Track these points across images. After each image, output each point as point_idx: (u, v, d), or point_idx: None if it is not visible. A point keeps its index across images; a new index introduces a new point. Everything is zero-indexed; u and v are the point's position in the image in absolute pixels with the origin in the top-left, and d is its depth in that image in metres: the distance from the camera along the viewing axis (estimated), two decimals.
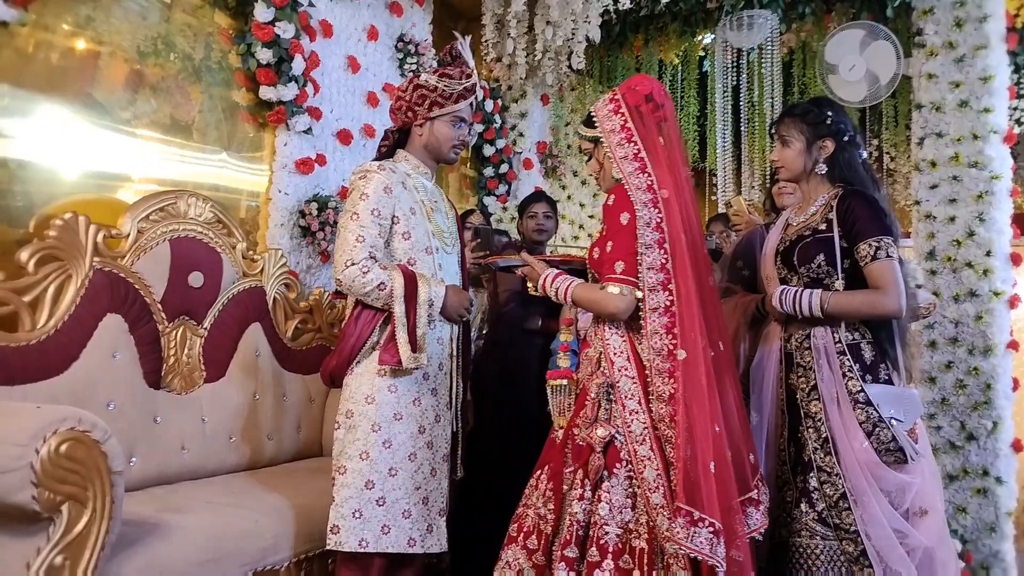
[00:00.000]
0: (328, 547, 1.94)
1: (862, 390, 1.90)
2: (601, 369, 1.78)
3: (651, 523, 1.66)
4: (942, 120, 3.49)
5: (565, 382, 1.88)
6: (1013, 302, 3.38)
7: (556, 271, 1.90)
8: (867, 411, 1.88)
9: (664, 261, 1.72)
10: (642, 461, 1.68)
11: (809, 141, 2.04)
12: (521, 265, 2.02)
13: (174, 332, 2.46)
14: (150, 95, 2.65)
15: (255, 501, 2.18)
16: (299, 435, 2.85)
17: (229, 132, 2.95)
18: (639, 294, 1.74)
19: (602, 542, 1.65)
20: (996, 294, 3.33)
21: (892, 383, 1.95)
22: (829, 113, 2.05)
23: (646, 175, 1.77)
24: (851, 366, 1.93)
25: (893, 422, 1.87)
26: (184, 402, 2.44)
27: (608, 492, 1.68)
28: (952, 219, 3.43)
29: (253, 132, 3.04)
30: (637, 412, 1.72)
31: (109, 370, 2.20)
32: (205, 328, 2.57)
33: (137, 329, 2.30)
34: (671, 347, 1.70)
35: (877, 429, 1.87)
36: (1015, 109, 4.30)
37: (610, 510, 1.67)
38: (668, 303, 1.72)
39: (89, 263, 2.19)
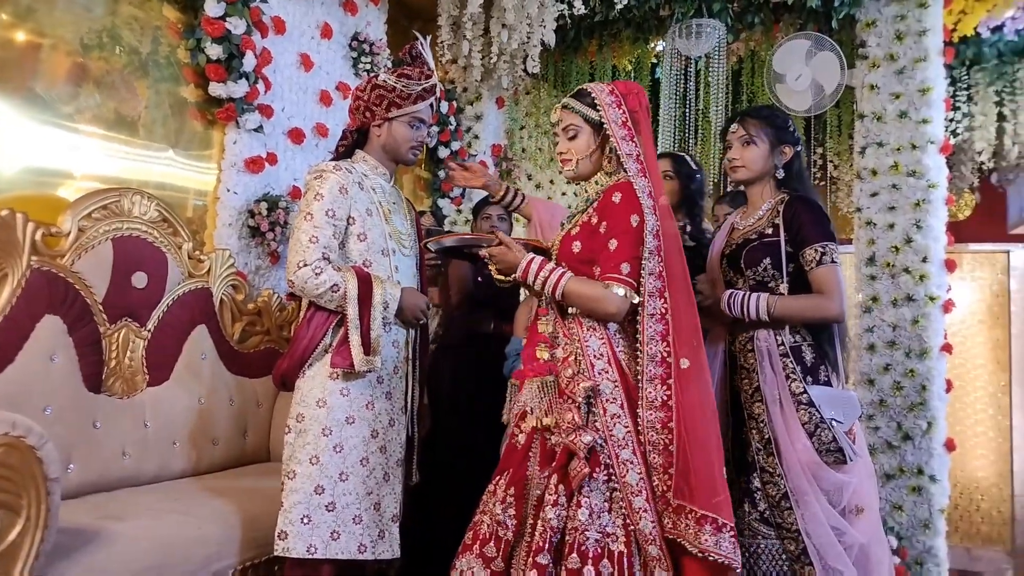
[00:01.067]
0: (276, 553, 1.90)
1: (805, 391, 1.95)
2: (583, 371, 1.75)
3: (631, 526, 1.66)
4: (883, 130, 3.61)
5: (551, 378, 1.76)
6: (947, 307, 3.52)
7: (542, 257, 1.82)
8: (810, 412, 1.93)
9: (660, 269, 1.74)
10: (624, 465, 1.68)
11: (773, 144, 2.08)
12: (481, 245, 1.91)
13: (116, 334, 2.39)
14: (94, 90, 2.57)
15: (199, 507, 2.13)
16: (246, 440, 2.79)
17: (176, 129, 2.87)
18: (636, 299, 1.73)
19: (583, 548, 1.62)
20: (931, 299, 3.46)
21: (831, 385, 2.01)
22: (789, 120, 2.11)
23: (646, 180, 1.78)
24: (794, 368, 1.97)
25: (834, 423, 1.93)
26: (126, 406, 2.37)
27: (587, 496, 1.66)
28: (891, 226, 3.55)
29: (201, 129, 2.97)
30: (619, 416, 1.71)
31: (46, 373, 2.12)
32: (149, 330, 2.50)
33: (76, 331, 2.22)
34: (665, 354, 1.71)
35: (819, 430, 1.92)
36: (950, 120, 4.49)
37: (590, 515, 1.65)
38: (663, 310, 1.73)
39: (26, 262, 2.10)
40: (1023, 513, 5.00)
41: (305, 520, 1.85)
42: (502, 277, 1.87)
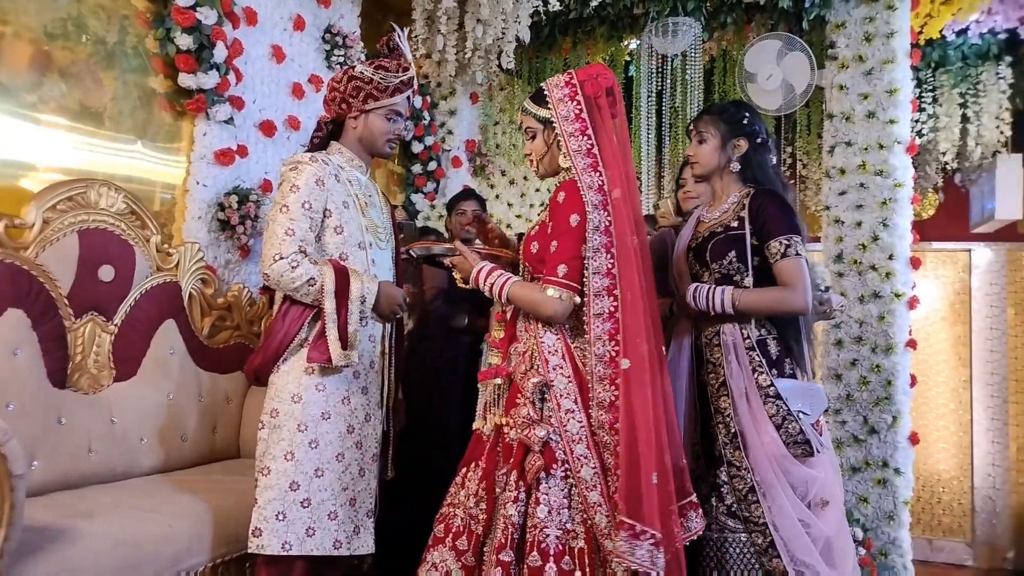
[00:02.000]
0: (250, 550, 1.87)
1: (772, 384, 1.96)
2: (535, 367, 1.75)
3: (588, 521, 1.66)
4: (851, 130, 3.68)
5: (499, 381, 1.80)
6: (912, 303, 3.60)
7: (491, 264, 1.84)
8: (777, 405, 1.95)
9: (610, 266, 1.70)
10: (579, 460, 1.68)
11: (724, 139, 2.10)
12: (446, 254, 1.93)
13: (82, 328, 2.34)
14: (58, 79, 2.50)
15: (169, 504, 2.09)
16: (215, 436, 2.75)
17: (144, 120, 2.81)
18: (578, 299, 1.72)
19: (543, 546, 1.63)
20: (897, 295, 3.54)
21: (796, 378, 2.03)
22: (746, 114, 2.12)
23: (598, 174, 1.73)
24: (760, 361, 1.99)
25: (801, 415, 1.95)
26: (92, 402, 2.31)
27: (546, 493, 1.66)
28: (859, 224, 3.62)
29: (170, 121, 2.91)
30: (573, 411, 1.70)
31: (9, 369, 2.06)
32: (116, 324, 2.44)
33: (41, 325, 2.17)
34: (613, 354, 1.69)
35: (786, 422, 1.94)
36: (916, 121, 4.58)
37: (549, 512, 1.65)
38: (612, 308, 1.70)
39: None
40: (983, 505, 5.14)
41: (280, 517, 1.83)
42: (464, 285, 1.91)
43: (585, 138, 1.76)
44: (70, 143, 2.55)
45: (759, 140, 2.12)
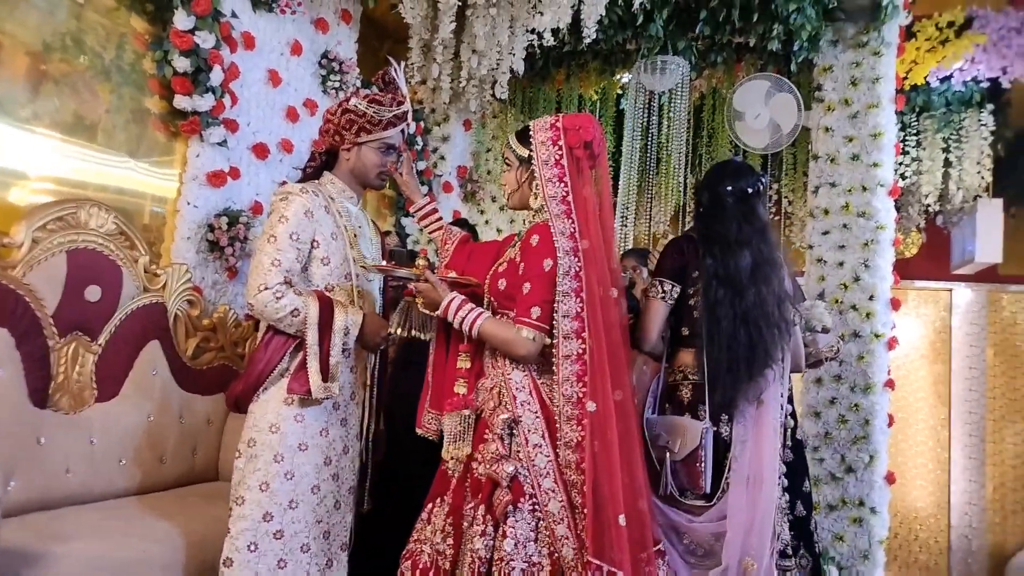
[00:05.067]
0: None
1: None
2: (504, 404, 1.78)
3: (555, 554, 1.68)
4: (836, 171, 3.75)
5: (467, 412, 1.83)
6: (891, 344, 3.65)
7: (462, 297, 1.85)
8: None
9: (579, 310, 1.74)
10: (547, 494, 1.70)
11: None
12: (410, 279, 1.92)
13: (65, 348, 2.34)
14: (53, 93, 2.53)
15: (145, 528, 2.09)
16: (195, 458, 2.75)
17: (138, 136, 2.84)
18: (548, 340, 1.76)
19: None
20: (877, 336, 3.59)
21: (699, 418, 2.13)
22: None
23: (570, 221, 1.77)
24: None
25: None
26: (72, 422, 2.32)
27: (513, 527, 1.69)
28: (841, 264, 3.68)
29: (164, 140, 2.94)
30: (541, 446, 1.73)
31: None
32: (100, 344, 2.45)
33: (24, 344, 2.17)
34: (581, 395, 1.72)
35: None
36: (900, 164, 4.67)
37: (515, 545, 1.67)
38: (580, 351, 1.73)
39: None
40: (959, 544, 5.17)
41: (252, 547, 1.83)
42: (428, 311, 1.90)
43: (561, 185, 1.79)
44: (64, 156, 2.56)
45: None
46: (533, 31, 3.40)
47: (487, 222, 4.75)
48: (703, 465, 2.04)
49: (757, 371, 2.04)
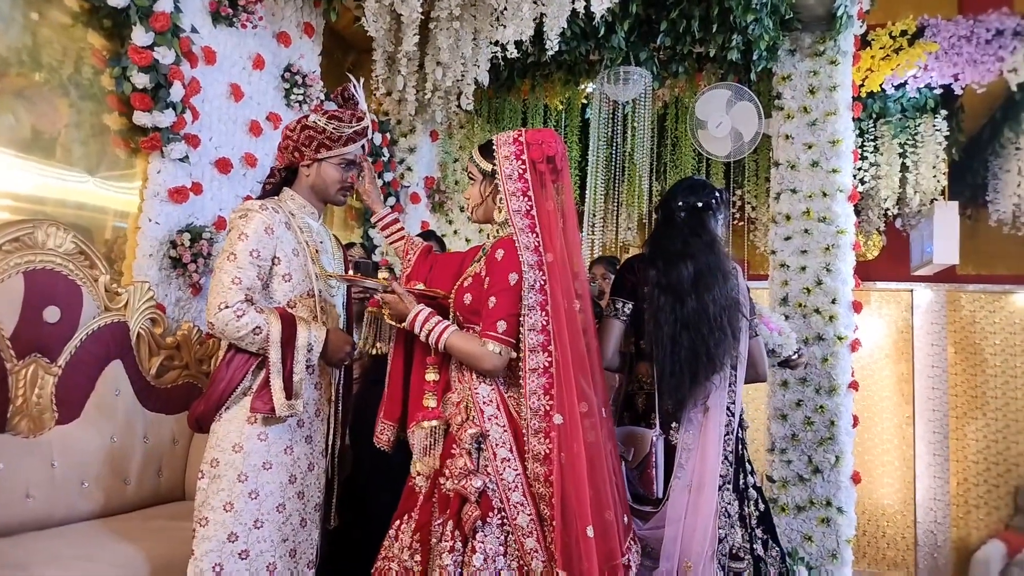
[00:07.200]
0: None
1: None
2: (471, 418, 1.78)
3: (525, 568, 1.69)
4: (796, 177, 3.82)
5: (436, 423, 1.83)
6: (854, 346, 3.73)
7: (429, 310, 1.84)
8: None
9: (545, 323, 1.75)
10: (515, 507, 1.71)
11: None
12: (377, 290, 1.91)
13: (24, 371, 2.30)
14: (9, 108, 2.48)
15: (107, 553, 2.06)
16: (160, 479, 2.71)
17: (98, 152, 2.80)
18: (514, 354, 1.77)
19: None
20: (840, 338, 3.66)
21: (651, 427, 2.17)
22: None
23: (534, 235, 1.78)
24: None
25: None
26: (31, 446, 2.27)
27: (482, 542, 1.68)
28: (803, 268, 3.75)
29: (124, 157, 2.90)
30: (509, 460, 1.74)
31: None
32: (59, 366, 2.41)
33: None
34: (548, 408, 1.72)
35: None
36: (859, 169, 4.78)
37: (485, 560, 1.67)
38: (547, 364, 1.74)
39: None
40: (925, 539, 5.28)
41: (216, 568, 1.81)
42: (393, 323, 1.90)
43: (525, 199, 1.81)
44: (21, 172, 2.51)
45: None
46: (497, 43, 3.43)
47: (456, 232, 4.75)
48: (655, 472, 2.07)
49: (701, 375, 2.08)
